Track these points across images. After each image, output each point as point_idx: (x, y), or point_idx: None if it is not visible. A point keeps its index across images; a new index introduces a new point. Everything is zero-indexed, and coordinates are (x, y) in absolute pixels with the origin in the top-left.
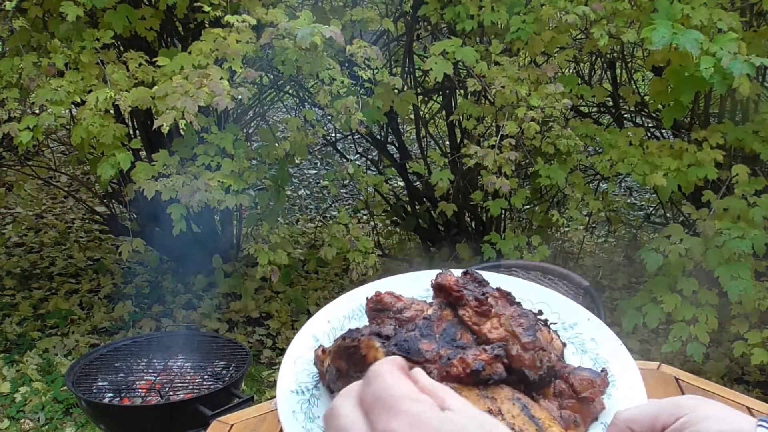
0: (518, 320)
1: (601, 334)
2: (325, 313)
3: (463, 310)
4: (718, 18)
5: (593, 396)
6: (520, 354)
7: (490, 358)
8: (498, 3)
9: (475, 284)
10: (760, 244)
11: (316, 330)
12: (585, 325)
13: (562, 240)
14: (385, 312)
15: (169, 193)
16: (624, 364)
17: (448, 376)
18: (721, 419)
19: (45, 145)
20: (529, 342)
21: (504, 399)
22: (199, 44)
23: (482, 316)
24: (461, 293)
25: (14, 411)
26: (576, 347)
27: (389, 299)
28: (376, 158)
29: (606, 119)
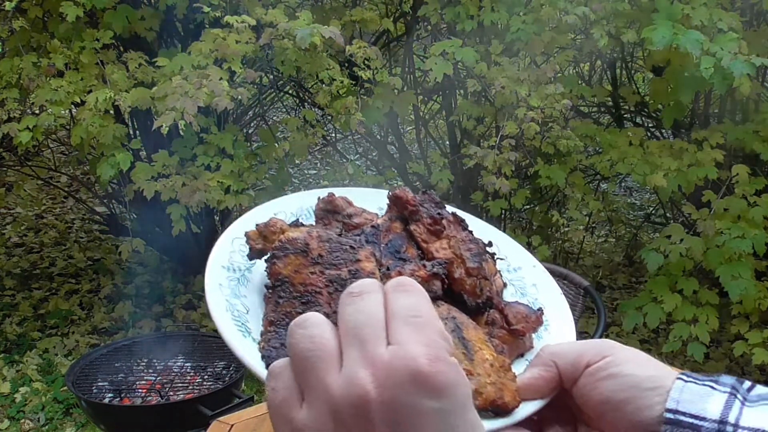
0: (467, 245)
1: (543, 281)
2: (272, 206)
3: (415, 225)
4: (718, 18)
5: (525, 330)
6: (463, 278)
7: (427, 274)
8: (498, 3)
9: (431, 204)
10: (760, 244)
11: (260, 218)
12: (529, 270)
13: (562, 240)
14: (334, 215)
15: (169, 193)
16: (560, 311)
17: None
18: (644, 365)
19: (45, 145)
20: (474, 268)
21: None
22: (198, 45)
23: (433, 234)
24: (417, 208)
25: (14, 411)
26: (516, 289)
27: (341, 203)
28: (376, 158)
29: (606, 119)
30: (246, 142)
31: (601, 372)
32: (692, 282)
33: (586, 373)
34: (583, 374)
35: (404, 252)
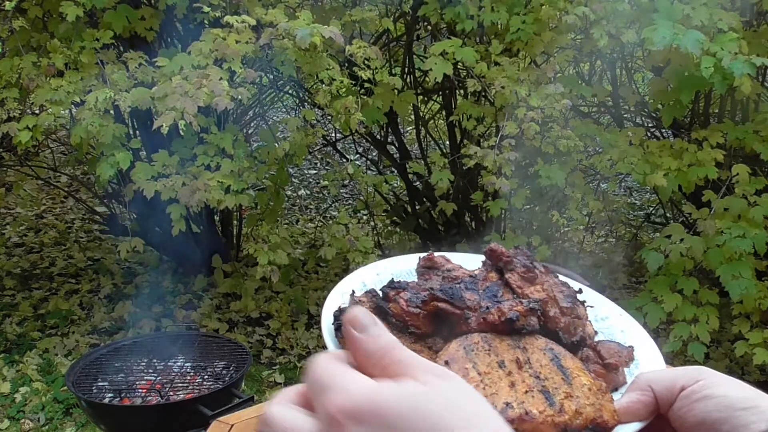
0: (560, 287)
1: (631, 327)
2: (375, 267)
3: (510, 273)
4: (718, 18)
5: (618, 364)
6: (557, 316)
7: (525, 309)
8: (498, 3)
9: (524, 256)
10: (760, 244)
11: (366, 277)
12: (616, 319)
13: (562, 240)
14: (434, 270)
15: (169, 193)
16: (650, 352)
17: (484, 323)
18: (738, 387)
19: (45, 145)
20: (568, 307)
21: (535, 349)
22: (198, 44)
23: (527, 281)
24: (511, 259)
25: (14, 411)
26: (605, 336)
27: (440, 260)
28: (376, 158)
29: (606, 119)
30: (246, 142)
31: (696, 394)
32: (692, 282)
33: (681, 396)
34: (679, 397)
35: (501, 296)
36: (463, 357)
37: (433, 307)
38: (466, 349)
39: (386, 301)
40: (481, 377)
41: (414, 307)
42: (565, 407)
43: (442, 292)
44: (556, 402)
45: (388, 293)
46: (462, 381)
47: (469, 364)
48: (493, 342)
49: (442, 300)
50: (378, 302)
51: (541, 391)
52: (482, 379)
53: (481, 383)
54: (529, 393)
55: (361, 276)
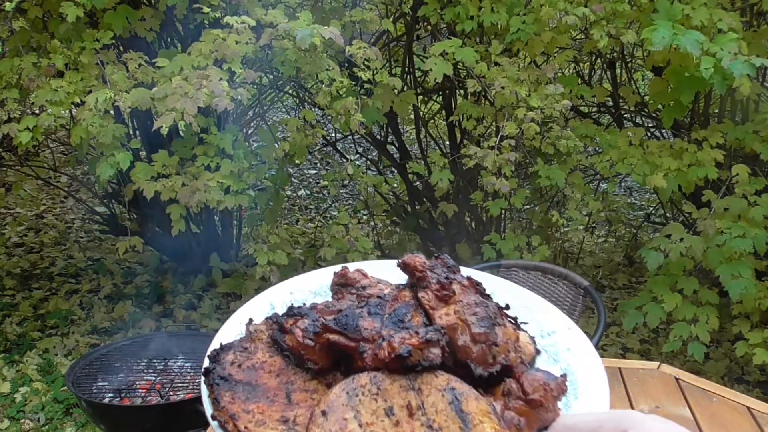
0: (473, 308)
1: (578, 344)
2: (290, 284)
3: (423, 292)
4: (718, 18)
5: (543, 400)
6: (467, 345)
7: (420, 342)
8: (498, 4)
9: (443, 269)
10: (760, 244)
11: (275, 298)
12: (563, 333)
13: (562, 240)
14: (347, 288)
15: (169, 193)
16: (595, 378)
17: (376, 359)
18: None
19: (45, 145)
20: (480, 333)
21: (433, 389)
22: (198, 45)
23: (441, 301)
24: (424, 274)
25: (14, 411)
26: (549, 356)
27: (354, 275)
28: (376, 158)
29: (606, 119)
30: (246, 142)
31: None
32: (692, 282)
33: None
34: None
35: (409, 321)
36: (344, 405)
37: (325, 339)
38: (350, 395)
39: (282, 332)
40: (361, 430)
41: (310, 339)
42: None
43: (336, 321)
44: None
45: (283, 324)
46: None
47: (350, 414)
48: (384, 383)
49: (335, 331)
50: (274, 335)
51: None
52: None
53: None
54: None
55: (271, 297)
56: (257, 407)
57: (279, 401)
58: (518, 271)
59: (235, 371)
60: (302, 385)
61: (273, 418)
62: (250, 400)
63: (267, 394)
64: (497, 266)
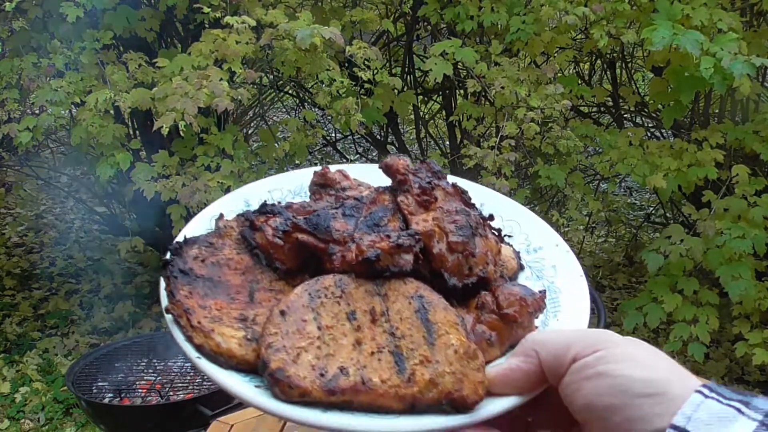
0: (453, 216)
1: (564, 262)
2: (269, 182)
3: (403, 195)
4: (718, 18)
5: (518, 315)
6: (443, 253)
7: (390, 246)
8: (498, 4)
9: (427, 173)
10: (760, 244)
11: (252, 195)
12: (550, 250)
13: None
14: (326, 189)
15: (169, 193)
16: (576, 298)
17: (344, 261)
18: (645, 365)
19: (45, 145)
20: (458, 242)
21: (400, 296)
22: (198, 45)
23: (422, 206)
24: (406, 177)
25: (14, 411)
26: (533, 272)
27: (335, 176)
28: (376, 158)
29: (606, 119)
30: (246, 142)
31: (588, 369)
32: (692, 282)
33: (572, 370)
34: (569, 370)
35: (385, 225)
36: (304, 306)
37: (294, 239)
38: (312, 296)
39: (253, 229)
40: (320, 332)
41: (279, 238)
42: (417, 376)
43: (306, 221)
44: (407, 368)
45: (253, 221)
46: None
47: (309, 315)
48: (349, 287)
49: (305, 231)
50: (244, 231)
51: (392, 352)
52: (321, 335)
53: (317, 340)
54: (375, 355)
55: (246, 194)
56: (215, 303)
57: (240, 299)
58: None
59: (197, 266)
60: (268, 285)
61: (230, 316)
62: (209, 296)
63: (228, 291)
64: None
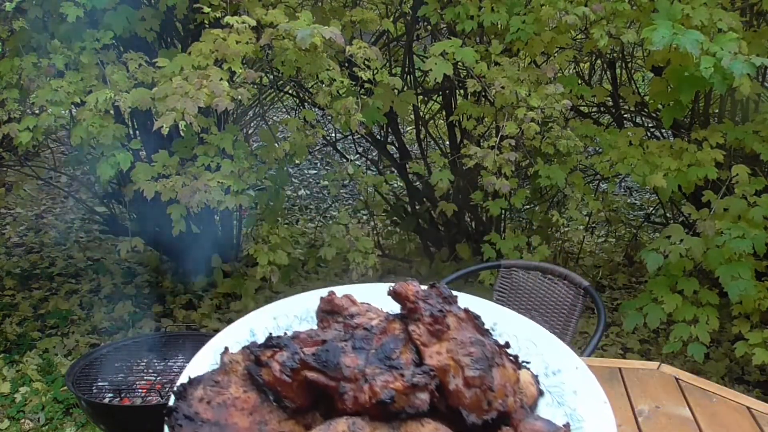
0: (468, 348)
1: (586, 387)
2: (273, 309)
3: (414, 325)
4: (718, 18)
5: None
6: (460, 389)
7: (405, 386)
8: (498, 3)
9: (438, 299)
10: (760, 244)
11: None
12: (571, 374)
13: (562, 240)
14: (334, 315)
15: (169, 193)
16: (602, 424)
17: (357, 402)
18: None
19: (45, 145)
20: (475, 377)
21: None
22: (198, 45)
23: (434, 336)
24: (416, 306)
25: (14, 411)
26: (553, 398)
27: (342, 302)
28: (376, 158)
29: (606, 119)
30: (246, 142)
31: None
32: (692, 282)
33: None
34: None
35: (397, 358)
36: None
37: (303, 377)
38: None
39: (259, 365)
40: None
41: (287, 375)
42: None
43: (315, 358)
44: None
45: (259, 356)
46: None
47: None
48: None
49: (314, 369)
50: (250, 368)
51: None
52: None
53: None
54: None
55: (251, 323)
56: None
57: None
58: (518, 271)
59: (203, 409)
60: (277, 426)
61: None
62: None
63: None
64: (497, 266)
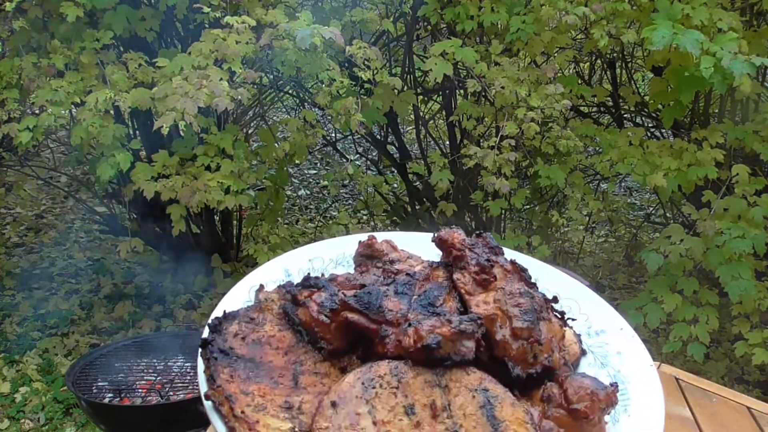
0: (517, 299)
1: (631, 348)
2: (310, 250)
3: (459, 273)
4: (718, 18)
5: (589, 411)
6: (506, 340)
7: (452, 332)
8: (498, 3)
9: (485, 248)
10: (760, 244)
11: (291, 264)
12: (615, 334)
13: (562, 240)
14: (373, 260)
15: (169, 193)
16: (648, 388)
17: (399, 346)
18: None
19: (45, 145)
20: (523, 328)
21: (462, 389)
22: (198, 45)
23: (480, 285)
24: (463, 253)
25: (14, 411)
26: (596, 358)
27: (382, 247)
28: (376, 158)
29: (606, 119)
30: (246, 142)
31: None
32: (692, 282)
33: None
34: None
35: (441, 305)
36: (358, 397)
37: (343, 318)
38: (365, 386)
39: (295, 304)
40: (376, 428)
41: (326, 315)
42: None
43: (357, 299)
44: None
45: (296, 295)
46: None
47: (363, 408)
48: (406, 376)
49: (355, 310)
50: (286, 306)
51: None
52: (377, 431)
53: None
54: None
55: (287, 263)
56: (258, 389)
57: (284, 383)
58: None
59: (237, 344)
60: (312, 367)
61: (275, 403)
62: (251, 380)
63: (271, 374)
64: None
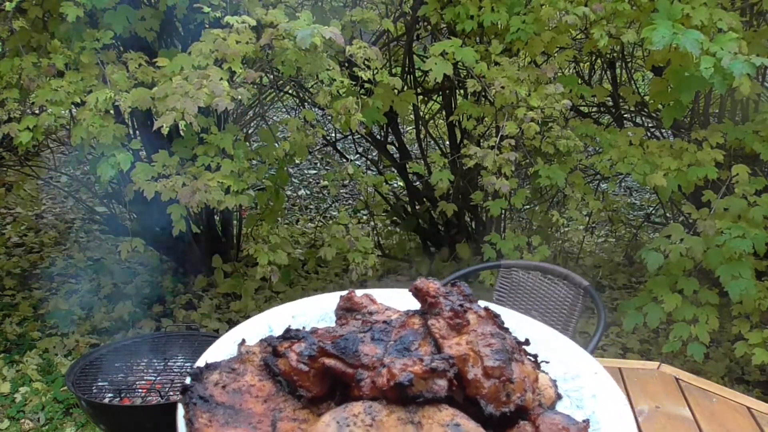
0: (488, 339)
1: (606, 391)
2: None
3: (434, 319)
4: (718, 18)
5: None
6: (478, 379)
7: (424, 370)
8: (498, 3)
9: (458, 296)
10: (760, 244)
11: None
12: (589, 378)
13: (562, 240)
14: (353, 313)
15: (169, 193)
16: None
17: (374, 387)
18: None
19: (45, 145)
20: (494, 367)
21: (435, 425)
22: (198, 45)
23: (454, 330)
24: (437, 300)
25: (14, 411)
26: (572, 401)
27: (362, 300)
28: (376, 158)
29: (606, 119)
30: (246, 142)
31: None
32: (692, 282)
33: None
34: None
35: (416, 349)
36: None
37: (321, 364)
38: (340, 424)
39: (276, 355)
40: None
41: (304, 363)
42: None
43: (334, 345)
44: None
45: (276, 347)
46: None
47: None
48: (380, 414)
49: (332, 355)
50: (267, 358)
51: None
52: None
53: None
54: None
55: (270, 319)
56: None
57: (263, 429)
58: (518, 271)
59: (217, 392)
60: (291, 414)
61: None
62: (230, 425)
63: (250, 420)
64: (497, 266)
